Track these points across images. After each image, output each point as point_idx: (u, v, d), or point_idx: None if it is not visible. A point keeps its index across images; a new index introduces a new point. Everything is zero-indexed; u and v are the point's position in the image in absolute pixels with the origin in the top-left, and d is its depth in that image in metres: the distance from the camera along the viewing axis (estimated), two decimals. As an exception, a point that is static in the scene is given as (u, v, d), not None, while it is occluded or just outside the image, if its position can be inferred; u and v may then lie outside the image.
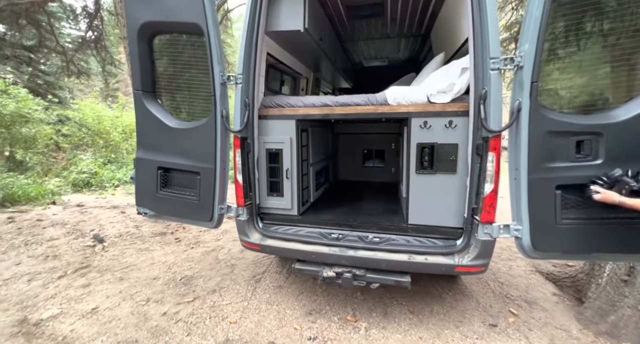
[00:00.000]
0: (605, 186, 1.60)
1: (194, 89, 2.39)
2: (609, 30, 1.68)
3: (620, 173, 1.58)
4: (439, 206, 2.18)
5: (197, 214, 2.44)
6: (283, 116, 2.40)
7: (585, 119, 1.69)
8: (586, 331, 2.30)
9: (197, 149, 2.34)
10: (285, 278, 3.07)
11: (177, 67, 2.40)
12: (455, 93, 2.09)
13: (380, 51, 4.27)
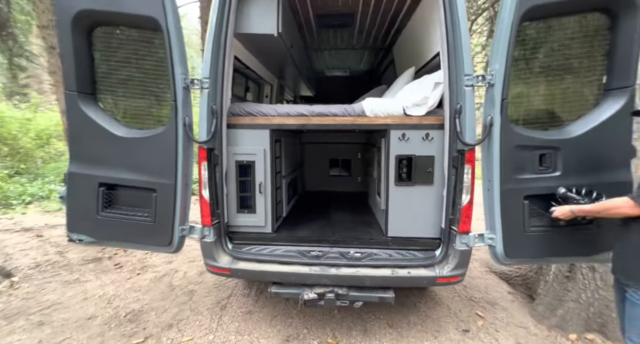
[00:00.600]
0: (561, 203, 1.77)
1: (148, 92, 2.06)
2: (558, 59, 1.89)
3: (564, 191, 1.76)
4: (417, 218, 2.20)
5: (151, 237, 2.08)
6: (255, 126, 2.20)
7: (546, 135, 1.86)
8: (540, 326, 2.53)
9: (153, 161, 2.00)
10: (255, 301, 2.81)
11: (126, 66, 2.04)
12: (429, 106, 2.15)
13: (343, 61, 4.32)
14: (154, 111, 2.10)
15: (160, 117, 2.09)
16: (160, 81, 2.01)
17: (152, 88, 2.03)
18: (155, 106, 2.08)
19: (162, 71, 1.97)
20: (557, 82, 1.89)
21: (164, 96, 2.02)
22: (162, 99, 2.04)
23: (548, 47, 1.86)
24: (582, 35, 1.82)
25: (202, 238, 2.14)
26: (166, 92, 2.00)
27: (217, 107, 2.03)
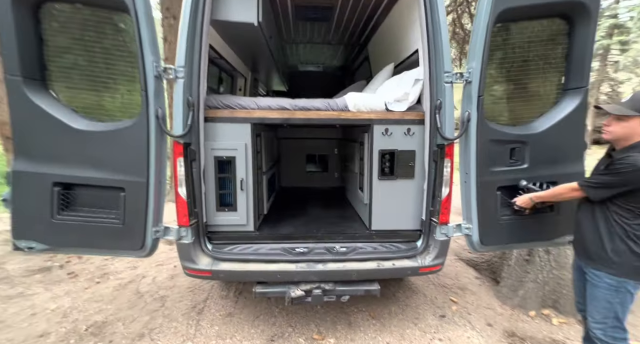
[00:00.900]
0: (523, 193, 1.93)
1: (113, 80, 1.85)
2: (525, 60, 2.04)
3: (525, 183, 1.94)
4: (399, 211, 2.26)
5: (120, 241, 1.89)
6: (236, 119, 2.09)
7: (515, 130, 2.01)
8: (505, 306, 2.76)
9: (120, 157, 1.81)
10: (234, 302, 2.69)
11: (85, 49, 1.80)
12: (410, 102, 2.21)
13: (318, 56, 4.27)
14: (120, 101, 1.89)
15: (127, 108, 1.89)
16: (127, 69, 1.81)
17: (116, 76, 1.83)
18: (121, 96, 1.87)
19: (129, 58, 1.78)
20: (523, 81, 2.04)
21: (132, 85, 1.83)
22: (129, 88, 1.84)
23: (516, 48, 1.99)
24: (545, 39, 1.98)
25: (178, 240, 1.99)
26: (134, 81, 1.81)
27: (194, 98, 1.88)
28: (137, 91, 1.80)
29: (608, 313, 1.51)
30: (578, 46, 1.94)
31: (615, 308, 1.49)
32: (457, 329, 2.38)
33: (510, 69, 2.01)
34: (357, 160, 2.75)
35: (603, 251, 1.53)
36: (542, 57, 2.02)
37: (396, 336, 2.27)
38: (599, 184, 1.52)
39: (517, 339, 2.29)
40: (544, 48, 2.00)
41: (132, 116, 1.84)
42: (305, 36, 3.43)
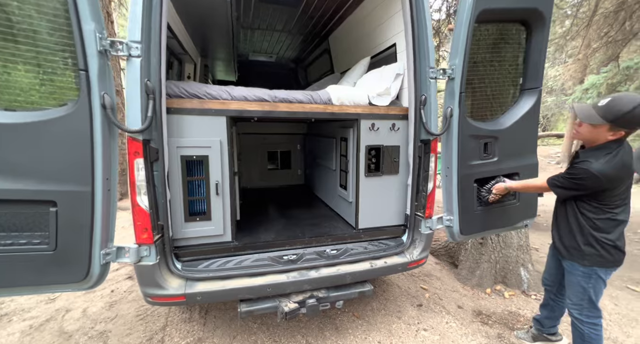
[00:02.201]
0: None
1: (32, 54, 1.33)
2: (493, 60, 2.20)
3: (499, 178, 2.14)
4: (384, 207, 2.23)
5: (49, 273, 1.41)
6: (208, 111, 1.74)
7: (488, 126, 2.15)
8: (466, 287, 3.02)
9: (48, 160, 1.33)
10: (202, 325, 2.32)
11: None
12: (392, 97, 2.18)
13: (273, 45, 3.96)
14: (41, 82, 1.38)
15: (53, 93, 1.39)
16: (53, 39, 1.32)
17: (39, 48, 1.32)
18: (45, 75, 1.37)
19: (57, 22, 1.30)
20: (492, 80, 2.20)
21: (62, 61, 1.35)
22: (58, 65, 1.35)
23: (487, 49, 2.13)
24: (508, 43, 2.16)
25: (137, 262, 1.58)
26: (66, 57, 1.34)
27: (154, 84, 1.49)
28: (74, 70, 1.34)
29: (583, 296, 1.69)
30: (534, 50, 2.17)
31: (589, 292, 1.67)
32: (435, 316, 2.49)
33: (481, 68, 2.14)
34: (336, 156, 2.63)
35: (576, 245, 1.68)
36: (505, 58, 2.20)
37: (385, 333, 2.25)
38: (561, 185, 1.65)
39: (484, 317, 2.50)
40: (507, 50, 2.17)
41: (62, 102, 1.37)
42: (265, 21, 3.12)
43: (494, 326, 2.38)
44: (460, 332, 2.29)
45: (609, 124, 1.47)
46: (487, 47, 2.11)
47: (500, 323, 2.42)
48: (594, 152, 1.58)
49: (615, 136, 1.51)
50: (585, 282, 1.68)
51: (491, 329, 2.33)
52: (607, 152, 1.53)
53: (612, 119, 1.46)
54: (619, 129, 1.49)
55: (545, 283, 2.09)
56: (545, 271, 2.08)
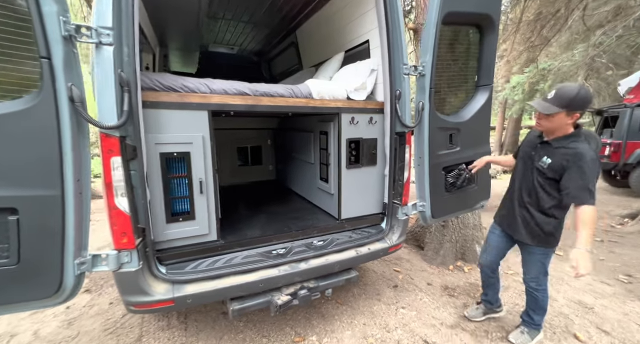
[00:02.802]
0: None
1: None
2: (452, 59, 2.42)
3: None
4: (364, 197, 2.34)
5: (14, 292, 1.25)
6: (188, 105, 1.63)
7: (452, 119, 2.38)
8: (432, 266, 3.33)
9: (4, 161, 1.16)
10: (183, 329, 2.20)
11: None
12: (368, 92, 2.28)
13: (237, 37, 3.79)
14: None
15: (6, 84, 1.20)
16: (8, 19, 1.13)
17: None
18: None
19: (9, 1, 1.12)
20: (452, 76, 2.43)
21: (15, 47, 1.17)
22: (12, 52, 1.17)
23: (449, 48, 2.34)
24: (466, 43, 2.40)
25: (117, 269, 1.45)
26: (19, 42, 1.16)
27: (129, 75, 1.37)
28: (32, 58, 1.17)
29: (541, 270, 1.94)
30: (486, 51, 2.44)
31: (546, 266, 1.93)
32: (410, 294, 2.71)
33: (445, 65, 2.34)
34: (314, 150, 2.66)
35: (540, 232, 1.84)
36: (463, 58, 2.44)
37: (368, 315, 2.39)
38: (593, 189, 1.62)
39: (450, 290, 2.80)
40: (465, 51, 2.42)
41: (16, 95, 1.19)
42: (232, 11, 2.98)
43: (459, 297, 2.68)
44: (433, 306, 2.53)
45: (565, 110, 1.63)
46: (448, 47, 2.32)
47: (464, 294, 2.73)
48: (567, 141, 1.71)
49: (572, 119, 1.66)
50: (544, 259, 1.91)
51: (457, 300, 2.62)
52: (577, 139, 1.69)
53: (566, 105, 1.61)
54: (573, 112, 1.63)
55: (486, 264, 2.22)
56: (487, 253, 2.20)
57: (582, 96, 1.60)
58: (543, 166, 1.79)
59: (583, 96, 1.61)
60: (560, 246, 3.79)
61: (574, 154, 1.65)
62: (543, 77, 11.80)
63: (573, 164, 1.64)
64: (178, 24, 2.53)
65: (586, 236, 1.58)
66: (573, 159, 1.65)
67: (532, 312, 2.08)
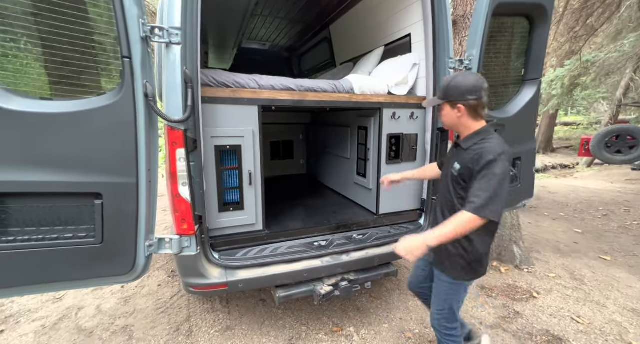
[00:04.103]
0: None
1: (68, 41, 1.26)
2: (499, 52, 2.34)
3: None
4: (403, 193, 2.34)
5: (98, 266, 1.39)
6: (240, 100, 1.72)
7: (497, 114, 2.31)
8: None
9: (93, 151, 1.29)
10: (227, 313, 2.34)
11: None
12: (409, 86, 2.27)
13: (270, 33, 3.88)
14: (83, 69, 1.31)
15: (91, 81, 1.34)
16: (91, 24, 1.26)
17: (75, 33, 1.25)
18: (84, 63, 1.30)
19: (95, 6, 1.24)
20: (499, 70, 2.35)
21: (101, 47, 1.29)
22: (98, 52, 1.29)
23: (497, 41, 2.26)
24: (515, 36, 2.31)
25: (179, 253, 1.58)
26: (104, 43, 1.29)
27: (192, 73, 1.47)
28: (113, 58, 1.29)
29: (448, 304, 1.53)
30: (536, 43, 2.33)
31: (455, 301, 1.52)
32: (445, 292, 2.69)
33: (493, 59, 2.27)
34: (351, 145, 2.69)
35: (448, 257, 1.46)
36: (511, 51, 2.35)
37: (404, 310, 2.41)
38: (498, 201, 1.24)
39: (487, 290, 2.74)
40: (513, 43, 2.33)
41: (99, 91, 1.32)
42: (269, 8, 3.06)
43: (497, 298, 2.62)
44: (470, 305, 2.50)
45: (446, 102, 1.40)
46: (495, 40, 2.24)
47: (503, 295, 2.66)
48: (473, 141, 1.39)
49: (460, 113, 1.37)
50: (450, 290, 1.53)
51: (496, 301, 2.57)
52: (484, 137, 1.39)
53: (443, 96, 1.40)
54: (454, 103, 1.37)
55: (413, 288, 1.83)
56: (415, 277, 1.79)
57: (454, 83, 1.35)
58: (454, 173, 1.43)
59: (456, 84, 1.35)
60: (607, 251, 3.63)
61: (478, 156, 1.30)
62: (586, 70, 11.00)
63: (476, 168, 1.30)
64: (224, 21, 2.63)
65: (440, 232, 1.25)
66: (477, 162, 1.30)
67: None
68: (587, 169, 10.20)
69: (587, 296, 2.63)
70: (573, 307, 2.46)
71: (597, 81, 11.72)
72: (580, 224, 4.58)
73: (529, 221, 4.70)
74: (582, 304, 2.49)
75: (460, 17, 3.23)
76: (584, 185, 7.39)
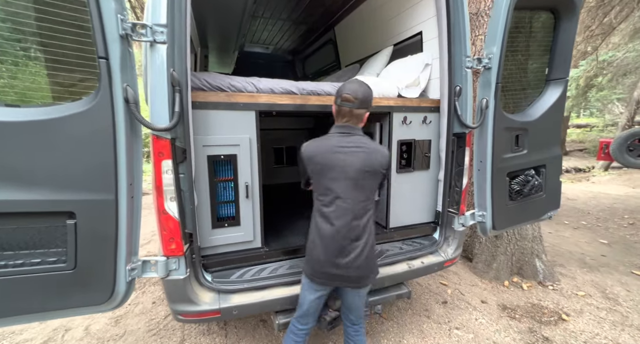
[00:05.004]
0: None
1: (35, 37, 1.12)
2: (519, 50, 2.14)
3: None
4: (415, 204, 2.14)
5: (70, 295, 1.22)
6: (235, 105, 1.56)
7: (519, 117, 2.10)
8: (484, 280, 3.01)
9: (63, 164, 1.13)
10: (224, 336, 2.15)
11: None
12: (421, 88, 2.08)
13: (273, 36, 3.74)
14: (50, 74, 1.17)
15: (63, 86, 1.19)
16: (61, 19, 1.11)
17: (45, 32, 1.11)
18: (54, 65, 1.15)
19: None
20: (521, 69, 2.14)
21: (75, 47, 1.14)
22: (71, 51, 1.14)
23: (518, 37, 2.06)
24: (539, 31, 2.10)
25: (165, 276, 1.40)
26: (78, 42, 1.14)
27: (180, 75, 1.31)
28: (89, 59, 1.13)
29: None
30: (562, 39, 2.12)
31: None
32: (463, 313, 2.45)
33: (514, 57, 2.07)
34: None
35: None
36: (533, 48, 2.14)
37: (417, 334, 2.18)
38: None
39: (510, 311, 2.49)
40: (536, 39, 2.12)
41: (74, 96, 1.17)
42: (271, 9, 2.92)
43: (522, 320, 2.37)
44: (492, 329, 2.25)
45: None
46: (517, 36, 2.04)
47: (527, 317, 2.41)
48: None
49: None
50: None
51: (520, 324, 2.32)
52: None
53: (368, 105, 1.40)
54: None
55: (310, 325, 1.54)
56: (309, 315, 1.50)
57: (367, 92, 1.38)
58: None
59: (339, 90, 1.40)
60: (639, 265, 3.32)
61: None
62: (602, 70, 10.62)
63: None
64: (222, 23, 2.50)
65: None
66: None
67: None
68: (605, 173, 9.74)
69: (625, 319, 2.35)
70: (610, 333, 2.19)
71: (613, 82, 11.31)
72: (605, 234, 4.26)
73: (549, 230, 4.40)
74: (620, 329, 2.22)
75: (473, 14, 3.04)
76: (604, 190, 7.02)
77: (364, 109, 1.37)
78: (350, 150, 1.34)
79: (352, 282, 1.37)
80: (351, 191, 1.33)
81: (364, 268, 1.35)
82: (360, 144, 1.36)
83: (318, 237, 1.36)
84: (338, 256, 1.32)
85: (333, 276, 1.34)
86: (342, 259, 1.31)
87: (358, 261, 1.32)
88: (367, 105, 1.38)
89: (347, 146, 1.35)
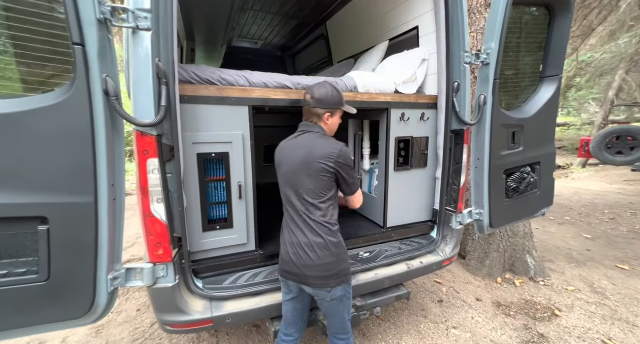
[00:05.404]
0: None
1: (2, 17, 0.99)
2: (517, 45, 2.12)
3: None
4: (412, 203, 2.09)
5: (44, 311, 1.09)
6: (227, 100, 1.45)
7: (515, 114, 2.08)
8: (478, 278, 3.02)
9: (33, 165, 1.01)
10: (216, 342, 2.05)
11: None
12: (418, 84, 2.04)
13: (262, 30, 3.62)
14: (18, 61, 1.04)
15: (33, 75, 1.06)
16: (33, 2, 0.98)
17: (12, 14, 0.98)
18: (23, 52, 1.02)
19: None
20: (517, 66, 2.13)
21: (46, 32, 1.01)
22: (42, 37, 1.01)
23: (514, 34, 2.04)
24: (534, 28, 2.09)
25: (152, 285, 1.29)
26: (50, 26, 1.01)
27: (167, 66, 1.20)
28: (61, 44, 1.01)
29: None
30: (557, 36, 2.12)
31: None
32: (459, 311, 2.44)
33: (511, 53, 2.05)
34: (355, 150, 2.43)
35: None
36: (528, 44, 2.13)
37: (415, 335, 2.14)
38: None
39: (504, 308, 2.50)
40: (531, 36, 2.11)
41: (46, 88, 1.04)
42: (260, 2, 2.80)
43: (517, 317, 2.37)
44: (488, 327, 2.25)
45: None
46: (514, 32, 2.02)
47: (522, 313, 2.42)
48: None
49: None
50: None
51: (516, 321, 2.32)
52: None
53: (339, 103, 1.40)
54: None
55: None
56: (292, 323, 1.45)
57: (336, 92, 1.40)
58: None
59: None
60: (622, 259, 3.43)
61: None
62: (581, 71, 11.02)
63: None
64: (210, 14, 2.38)
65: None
66: None
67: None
68: (583, 170, 10.12)
69: (614, 313, 2.40)
70: (601, 327, 2.22)
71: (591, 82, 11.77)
72: (589, 229, 4.39)
73: (536, 226, 4.49)
74: (611, 324, 2.26)
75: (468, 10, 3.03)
76: (585, 186, 7.27)
77: (322, 108, 1.35)
78: (297, 146, 1.34)
79: (307, 279, 1.29)
80: (296, 187, 1.31)
81: (317, 268, 1.27)
82: (308, 140, 1.33)
83: (282, 237, 1.42)
84: (293, 255, 1.32)
85: (289, 273, 1.35)
86: (296, 257, 1.30)
87: (310, 261, 1.27)
88: (326, 105, 1.36)
89: (296, 143, 1.36)
